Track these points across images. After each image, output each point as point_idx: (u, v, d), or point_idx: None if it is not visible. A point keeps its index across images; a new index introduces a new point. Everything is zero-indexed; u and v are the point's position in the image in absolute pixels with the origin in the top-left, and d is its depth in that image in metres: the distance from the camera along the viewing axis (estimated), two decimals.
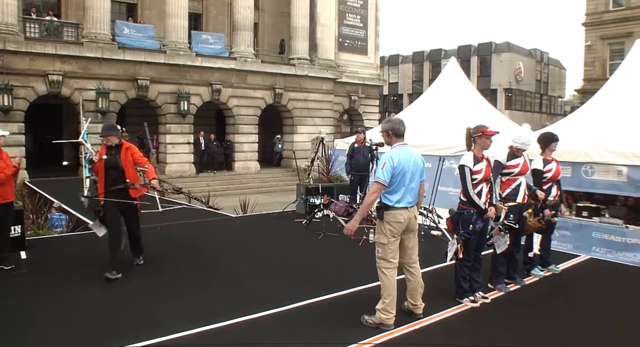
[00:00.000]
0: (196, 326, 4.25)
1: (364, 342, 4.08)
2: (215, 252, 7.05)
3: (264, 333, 4.27)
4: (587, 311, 5.03)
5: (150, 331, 4.16)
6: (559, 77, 45.40)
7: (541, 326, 4.57)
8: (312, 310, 4.82)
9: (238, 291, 5.35)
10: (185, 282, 5.60)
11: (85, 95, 18.69)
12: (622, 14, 28.16)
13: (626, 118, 10.24)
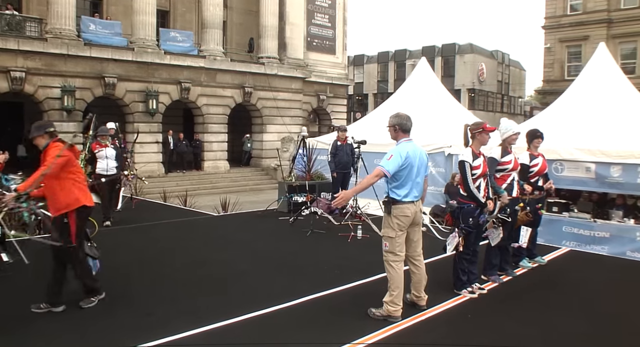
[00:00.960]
0: (197, 326, 4.19)
1: (374, 335, 4.16)
2: (205, 251, 6.97)
3: (268, 331, 4.26)
4: (577, 297, 5.31)
5: (152, 332, 4.10)
6: (519, 78, 46.93)
7: (538, 312, 4.79)
8: (315, 305, 4.86)
9: (235, 289, 5.32)
10: (179, 281, 5.52)
11: (50, 93, 18.11)
12: (579, 18, 29.34)
13: (593, 117, 10.73)
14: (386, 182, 4.49)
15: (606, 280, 6.04)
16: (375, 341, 4.05)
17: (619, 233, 9.56)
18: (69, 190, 4.44)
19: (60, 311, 4.47)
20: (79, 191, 4.51)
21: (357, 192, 4.48)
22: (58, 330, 4.16)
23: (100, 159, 8.27)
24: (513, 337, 4.20)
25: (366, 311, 4.59)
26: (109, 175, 8.28)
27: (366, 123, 15.25)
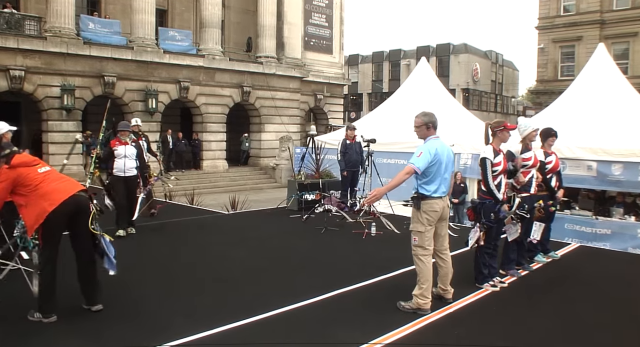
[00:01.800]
0: (227, 322, 4.23)
1: (406, 328, 4.27)
2: (223, 248, 7.03)
3: (299, 326, 4.33)
4: (595, 289, 5.48)
5: (189, 327, 4.17)
6: (512, 78, 47.40)
7: (559, 304, 4.95)
8: (343, 300, 4.95)
9: (260, 286, 5.38)
10: (202, 279, 5.59)
11: (49, 91, 18.06)
12: (572, 19, 29.73)
13: (593, 117, 10.94)
14: (415, 178, 4.61)
15: (619, 273, 6.22)
16: (408, 333, 4.17)
17: (620, 230, 9.78)
18: (34, 204, 4.14)
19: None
20: (44, 197, 4.17)
21: (389, 190, 4.60)
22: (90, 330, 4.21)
23: (118, 158, 7.36)
24: (539, 330, 4.34)
25: (395, 304, 4.71)
26: (127, 176, 7.43)
27: (369, 122, 15.38)
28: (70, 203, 4.22)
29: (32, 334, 3.97)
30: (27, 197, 4.14)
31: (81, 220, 4.29)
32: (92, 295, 4.39)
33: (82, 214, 4.30)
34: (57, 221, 4.18)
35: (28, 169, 4.23)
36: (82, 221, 4.29)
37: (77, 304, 4.43)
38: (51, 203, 4.12)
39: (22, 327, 4.06)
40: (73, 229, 4.34)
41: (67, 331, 4.06)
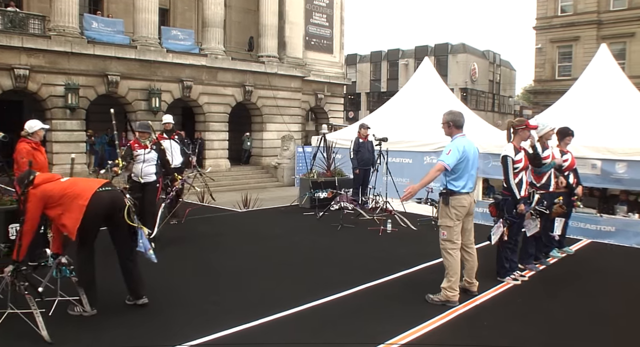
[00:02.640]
0: (262, 316, 4.37)
1: (438, 319, 4.44)
2: (244, 245, 7.17)
3: (331, 319, 4.48)
4: (611, 282, 5.71)
5: (228, 321, 4.31)
6: (509, 77, 47.74)
7: (581, 297, 5.15)
8: (371, 294, 5.13)
9: (288, 281, 5.54)
10: (231, 274, 5.73)
11: (53, 90, 18.05)
12: (570, 19, 30.02)
13: (597, 116, 11.13)
14: (443, 175, 4.78)
15: (632, 267, 6.48)
16: (441, 324, 4.33)
17: (624, 227, 9.96)
18: (69, 205, 4.25)
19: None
20: (77, 196, 4.28)
21: (423, 186, 4.77)
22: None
23: (137, 162, 6.81)
24: (563, 320, 4.52)
25: (421, 298, 4.87)
26: (144, 183, 6.85)
27: (373, 121, 15.55)
28: (104, 197, 4.33)
29: (76, 327, 4.09)
30: (62, 205, 4.25)
31: (117, 214, 4.40)
32: (137, 289, 4.50)
33: (118, 208, 4.40)
34: (93, 216, 4.27)
35: (51, 183, 4.34)
36: (118, 215, 4.41)
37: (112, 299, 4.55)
38: (85, 197, 4.25)
39: (63, 321, 4.19)
40: (111, 225, 4.46)
41: (107, 323, 4.19)
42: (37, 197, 4.23)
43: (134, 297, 4.50)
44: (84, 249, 4.40)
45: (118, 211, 4.44)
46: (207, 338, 3.91)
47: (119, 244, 4.52)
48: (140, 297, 4.50)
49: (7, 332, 3.97)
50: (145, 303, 4.48)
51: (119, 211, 4.44)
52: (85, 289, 4.34)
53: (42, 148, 6.27)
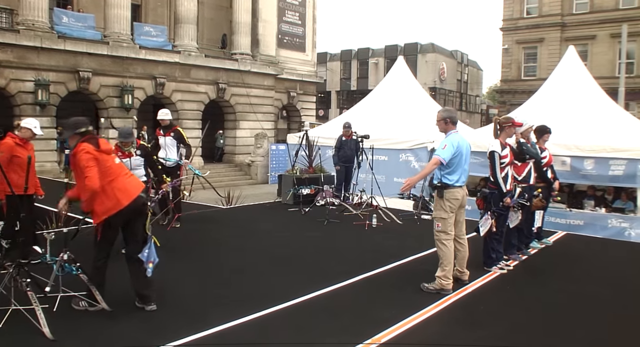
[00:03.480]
0: (268, 307, 4.49)
1: (435, 306, 4.66)
2: (236, 240, 7.21)
3: (339, 305, 4.68)
4: (591, 269, 6.08)
5: (232, 313, 4.42)
6: (476, 77, 48.90)
7: (565, 283, 5.48)
8: (370, 284, 5.31)
9: (288, 273, 5.67)
10: (230, 269, 5.82)
11: (22, 86, 17.61)
12: (535, 21, 31.04)
13: (566, 115, 11.65)
14: (438, 169, 5.00)
15: (605, 255, 6.93)
16: (439, 310, 4.56)
17: (592, 221, 10.49)
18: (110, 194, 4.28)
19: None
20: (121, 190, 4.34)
21: (421, 179, 5.01)
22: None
23: None
24: (553, 303, 4.82)
25: (418, 286, 5.09)
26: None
27: (349, 119, 15.76)
28: (137, 202, 4.40)
29: (80, 322, 4.13)
30: (103, 186, 4.24)
31: (138, 220, 4.48)
32: (145, 294, 4.47)
33: (140, 214, 4.49)
34: (121, 217, 4.35)
35: (109, 157, 4.39)
36: (138, 221, 4.49)
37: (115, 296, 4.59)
38: (127, 198, 4.31)
39: (69, 316, 4.22)
40: (128, 229, 4.49)
41: (111, 319, 4.23)
42: (96, 162, 4.23)
43: (143, 302, 4.46)
44: (104, 245, 4.44)
45: (139, 217, 4.52)
46: (223, 327, 4.02)
47: (131, 243, 4.54)
48: (148, 302, 4.44)
49: (11, 329, 3.97)
50: (153, 310, 4.40)
51: (141, 217, 4.53)
52: (96, 284, 4.36)
53: (30, 145, 6.14)
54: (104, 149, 4.40)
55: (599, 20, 28.65)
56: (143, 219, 4.53)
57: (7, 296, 4.30)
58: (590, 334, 4.18)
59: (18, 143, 5.95)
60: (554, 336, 4.07)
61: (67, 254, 4.59)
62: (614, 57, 28.19)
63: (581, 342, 4.04)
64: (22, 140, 6.01)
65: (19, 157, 5.83)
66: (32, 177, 6.12)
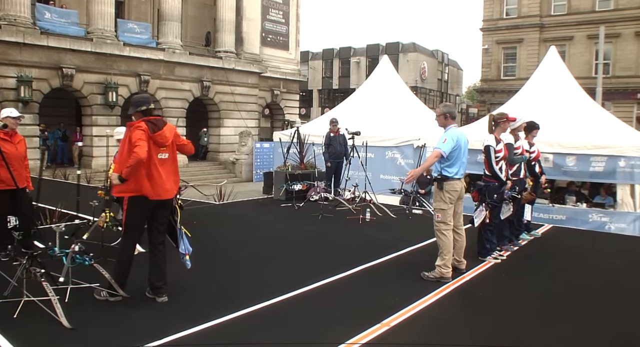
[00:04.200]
0: (281, 294, 4.66)
1: (436, 293, 4.86)
2: (231, 235, 7.30)
3: (345, 294, 4.86)
4: (580, 259, 6.38)
5: (242, 303, 4.55)
6: (456, 77, 49.63)
7: (561, 271, 5.77)
8: (372, 273, 5.49)
9: (290, 265, 5.80)
10: (234, 262, 5.94)
11: (4, 83, 17.34)
12: (514, 22, 31.67)
13: (548, 113, 12.01)
14: (438, 162, 5.20)
15: (590, 245, 7.26)
16: (442, 296, 4.76)
17: (574, 216, 10.87)
18: (140, 178, 4.38)
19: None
20: (150, 181, 4.43)
21: (423, 171, 5.22)
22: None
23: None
24: (548, 289, 5.08)
25: (418, 276, 5.28)
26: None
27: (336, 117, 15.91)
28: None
29: (94, 312, 4.22)
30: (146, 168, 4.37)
31: (162, 212, 4.56)
32: (159, 286, 4.53)
33: (165, 207, 4.57)
34: (144, 209, 4.45)
35: (157, 149, 4.45)
36: (163, 214, 4.57)
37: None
38: (157, 195, 4.39)
39: (81, 306, 4.30)
40: (153, 220, 4.57)
41: (126, 307, 4.33)
42: (144, 135, 4.32)
43: (154, 292, 4.54)
44: (130, 235, 4.53)
45: (164, 209, 4.58)
46: (230, 316, 4.14)
47: (154, 232, 4.60)
48: (160, 294, 4.51)
49: (26, 319, 4.03)
50: (164, 301, 4.48)
51: (166, 209, 4.60)
52: (117, 273, 4.45)
53: (17, 137, 5.99)
54: (159, 140, 4.44)
55: (577, 21, 29.39)
56: (169, 210, 4.61)
57: (19, 287, 4.36)
58: (584, 316, 4.44)
59: (2, 137, 5.82)
60: (551, 320, 4.31)
61: (79, 245, 4.66)
62: (590, 58, 28.96)
63: (576, 323, 4.28)
64: (8, 133, 5.87)
65: (5, 152, 5.74)
66: (23, 171, 6.09)
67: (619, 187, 10.72)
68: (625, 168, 10.42)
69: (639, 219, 10.38)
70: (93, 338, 3.78)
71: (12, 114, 5.83)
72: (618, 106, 25.04)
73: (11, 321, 3.98)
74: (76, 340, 3.72)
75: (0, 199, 5.58)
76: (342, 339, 3.69)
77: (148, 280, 4.57)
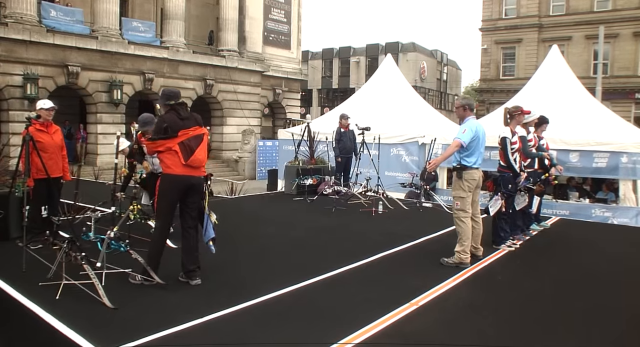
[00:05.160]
0: (309, 277, 4.85)
1: (456, 277, 5.06)
2: (248, 226, 7.47)
3: (372, 277, 5.06)
4: (593, 249, 6.63)
5: (272, 286, 4.74)
6: (455, 76, 49.93)
7: (572, 258, 6.01)
8: (391, 261, 5.69)
9: (316, 253, 5.99)
10: (257, 251, 6.12)
11: (10, 80, 17.47)
12: (513, 22, 31.96)
13: (551, 110, 12.22)
14: (458, 152, 5.41)
15: (603, 236, 7.52)
16: (463, 279, 4.97)
17: (577, 211, 11.10)
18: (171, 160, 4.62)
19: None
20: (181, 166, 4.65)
21: (444, 159, 5.42)
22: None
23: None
24: (562, 273, 5.30)
25: (437, 262, 5.48)
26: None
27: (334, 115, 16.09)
28: (187, 179, 4.66)
29: (132, 294, 4.40)
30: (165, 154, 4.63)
31: (193, 197, 4.72)
32: (192, 269, 4.70)
33: (195, 192, 4.73)
34: (174, 192, 4.63)
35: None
36: (193, 199, 4.73)
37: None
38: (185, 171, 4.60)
39: (118, 290, 4.47)
40: (184, 206, 4.74)
41: (163, 290, 4.50)
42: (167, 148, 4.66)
43: (187, 276, 4.71)
44: (160, 218, 4.72)
45: (194, 195, 4.74)
46: (266, 297, 4.33)
47: (185, 217, 4.77)
48: (193, 277, 4.68)
49: (67, 300, 4.17)
50: (197, 284, 4.64)
51: (196, 194, 4.76)
52: (151, 257, 4.61)
53: (53, 128, 6.23)
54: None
55: (575, 22, 29.71)
56: (199, 196, 4.77)
57: (58, 270, 4.53)
58: (599, 296, 4.67)
59: (38, 128, 6.06)
60: (569, 300, 4.54)
61: (114, 231, 4.84)
62: (588, 58, 29.28)
63: (592, 302, 4.51)
64: (43, 124, 6.11)
65: (40, 142, 5.96)
66: (60, 160, 6.30)
67: (622, 183, 10.96)
68: (628, 164, 10.65)
69: None
70: (136, 317, 3.95)
71: (45, 105, 6.03)
72: (616, 106, 25.29)
73: (54, 303, 4.15)
74: (121, 318, 3.89)
75: (36, 187, 5.75)
76: (376, 316, 3.89)
77: (182, 264, 4.74)
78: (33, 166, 5.68)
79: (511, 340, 3.68)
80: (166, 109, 4.78)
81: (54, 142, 6.15)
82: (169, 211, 4.71)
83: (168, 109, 4.76)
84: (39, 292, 4.34)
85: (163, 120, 4.64)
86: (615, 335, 3.86)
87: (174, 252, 5.09)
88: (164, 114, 4.74)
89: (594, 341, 3.74)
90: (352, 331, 3.62)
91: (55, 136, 6.26)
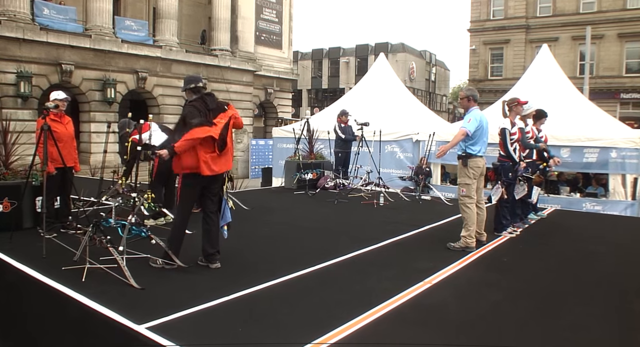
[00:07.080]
0: (324, 261, 5.03)
1: (464, 260, 5.29)
2: (256, 216, 7.61)
3: (384, 259, 5.28)
4: (590, 235, 6.95)
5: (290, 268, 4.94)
6: (444, 77, 50.49)
7: (572, 243, 6.32)
8: (400, 246, 5.91)
9: (328, 239, 6.20)
10: (266, 239, 6.30)
11: (3, 78, 17.39)
12: (501, 23, 32.48)
13: (543, 107, 12.59)
14: (463, 141, 5.64)
15: (598, 225, 7.88)
16: (471, 261, 5.21)
17: (569, 205, 11.44)
18: (193, 155, 4.63)
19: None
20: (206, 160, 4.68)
21: (451, 147, 5.65)
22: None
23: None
24: (562, 257, 5.58)
25: (444, 247, 5.71)
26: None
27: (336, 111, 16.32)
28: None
29: (155, 277, 4.56)
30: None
31: (215, 184, 4.86)
32: (212, 253, 4.84)
33: (218, 180, 4.87)
34: (197, 184, 4.74)
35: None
36: (215, 187, 4.87)
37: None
38: (211, 170, 4.66)
39: (140, 273, 4.62)
40: (206, 191, 4.85)
41: (185, 273, 4.66)
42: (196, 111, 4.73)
43: (207, 260, 4.84)
44: (182, 206, 4.85)
45: (216, 183, 4.87)
46: (294, 274, 4.52)
47: (207, 202, 4.89)
48: (213, 261, 4.82)
49: (93, 283, 4.29)
50: (217, 267, 4.78)
51: (217, 182, 4.89)
52: (173, 241, 4.75)
53: (66, 119, 6.34)
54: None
55: (561, 23, 30.30)
56: (220, 182, 4.93)
57: (82, 254, 4.67)
58: (600, 274, 4.96)
59: (53, 118, 6.17)
60: (573, 277, 4.81)
61: (135, 217, 4.98)
62: (575, 59, 29.86)
63: (595, 279, 4.79)
64: (57, 115, 6.22)
65: (56, 132, 6.07)
66: (72, 151, 6.43)
67: (611, 177, 11.32)
68: (617, 159, 11.01)
69: (630, 207, 10.99)
70: (164, 296, 4.10)
71: (59, 96, 6.15)
72: (602, 106, 25.61)
73: (81, 285, 4.26)
74: (150, 297, 4.04)
75: (51, 176, 5.86)
76: (394, 292, 4.10)
77: (202, 247, 4.90)
78: (49, 156, 5.80)
79: (526, 311, 3.91)
80: (189, 94, 4.91)
81: (67, 132, 6.29)
82: (193, 198, 4.87)
83: (191, 95, 4.88)
84: (65, 275, 4.45)
85: (194, 107, 4.74)
86: (619, 301, 4.19)
87: (190, 237, 5.24)
88: (193, 101, 4.82)
89: (599, 307, 4.05)
90: (376, 303, 3.84)
91: (69, 126, 6.39)
